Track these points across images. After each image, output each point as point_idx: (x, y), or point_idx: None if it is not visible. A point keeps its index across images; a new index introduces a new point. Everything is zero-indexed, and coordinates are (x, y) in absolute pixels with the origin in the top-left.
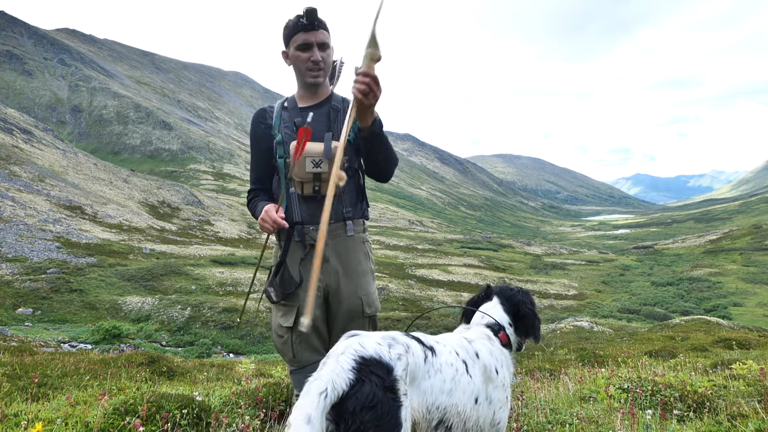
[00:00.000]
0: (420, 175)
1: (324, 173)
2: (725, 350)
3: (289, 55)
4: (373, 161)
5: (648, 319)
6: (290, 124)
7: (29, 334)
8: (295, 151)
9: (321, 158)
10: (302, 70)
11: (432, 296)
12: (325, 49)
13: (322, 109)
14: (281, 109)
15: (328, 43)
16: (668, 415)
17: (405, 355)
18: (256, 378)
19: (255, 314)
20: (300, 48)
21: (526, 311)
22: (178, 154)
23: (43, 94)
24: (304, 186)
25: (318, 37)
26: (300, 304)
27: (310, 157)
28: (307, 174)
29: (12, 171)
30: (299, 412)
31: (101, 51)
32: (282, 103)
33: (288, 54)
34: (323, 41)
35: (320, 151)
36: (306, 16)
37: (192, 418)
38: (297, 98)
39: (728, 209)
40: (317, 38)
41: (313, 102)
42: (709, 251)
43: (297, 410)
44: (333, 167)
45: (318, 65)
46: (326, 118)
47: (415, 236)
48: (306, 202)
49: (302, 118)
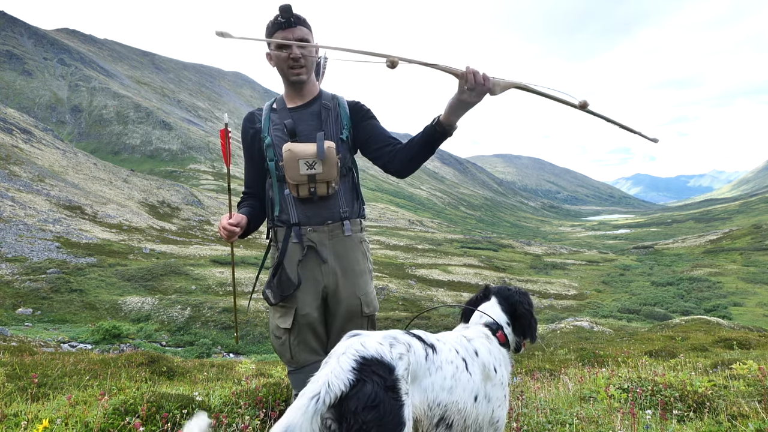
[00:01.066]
0: (420, 175)
1: (319, 174)
2: (725, 350)
3: (271, 56)
4: (415, 158)
5: (648, 319)
6: (280, 125)
7: (29, 334)
8: (224, 155)
9: (314, 159)
10: (284, 69)
11: (432, 296)
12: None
13: (312, 107)
14: (270, 111)
15: (307, 39)
16: (668, 415)
17: (406, 355)
18: (256, 378)
19: (255, 314)
20: (279, 47)
21: (523, 311)
22: (178, 154)
23: (43, 94)
24: (300, 188)
25: (296, 33)
26: (298, 306)
27: (303, 159)
28: (302, 176)
29: (12, 171)
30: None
31: (101, 51)
32: (270, 104)
33: (270, 55)
34: (302, 37)
35: (313, 152)
36: (281, 14)
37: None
38: (285, 98)
39: (728, 209)
40: (295, 35)
41: (302, 101)
42: (709, 251)
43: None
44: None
45: (298, 62)
46: (316, 118)
47: (415, 236)
48: (302, 203)
49: (292, 120)
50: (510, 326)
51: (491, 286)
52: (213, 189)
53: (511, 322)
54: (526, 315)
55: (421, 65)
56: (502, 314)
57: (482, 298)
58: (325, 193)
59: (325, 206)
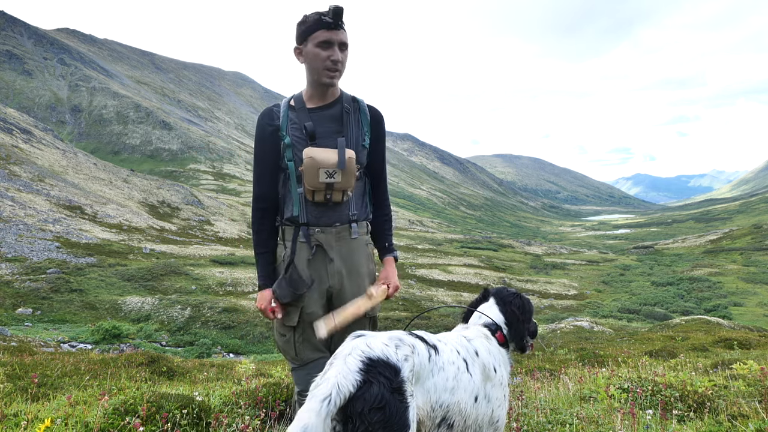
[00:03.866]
0: (420, 175)
1: (337, 183)
2: (726, 350)
3: (303, 52)
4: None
5: (648, 319)
6: (299, 126)
7: (29, 334)
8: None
9: (335, 169)
10: (318, 69)
11: (432, 296)
12: (344, 50)
13: (333, 110)
14: (287, 109)
15: (347, 43)
16: (668, 415)
17: (411, 356)
18: (256, 378)
19: (255, 314)
20: (320, 45)
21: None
22: (178, 154)
23: (43, 94)
24: (316, 194)
25: (340, 36)
26: (304, 304)
27: (323, 168)
28: (320, 184)
29: (12, 171)
30: (298, 422)
31: (101, 51)
32: (288, 101)
33: (302, 51)
34: (344, 41)
35: (334, 162)
36: (332, 14)
37: (192, 418)
38: (305, 97)
39: (728, 209)
40: (339, 38)
41: (323, 102)
42: (710, 251)
43: (296, 419)
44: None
45: (336, 65)
46: (337, 121)
47: (415, 236)
48: (315, 205)
49: (312, 122)
50: (508, 327)
51: (490, 288)
52: (213, 189)
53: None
54: (512, 315)
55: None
56: (500, 315)
57: (481, 299)
58: (340, 200)
59: (336, 209)
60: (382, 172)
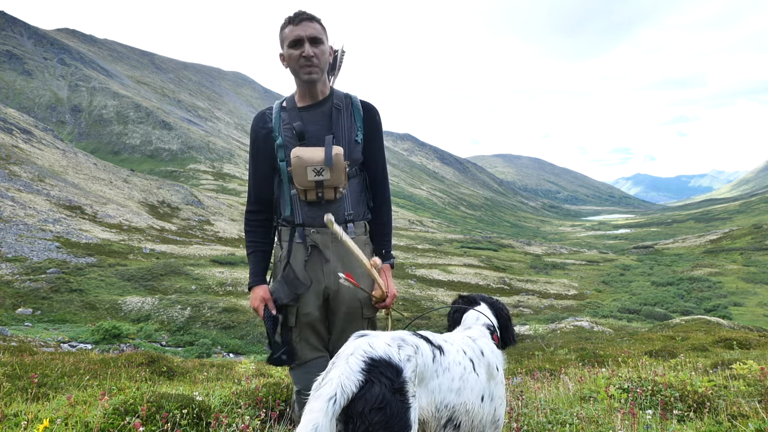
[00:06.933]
0: (420, 175)
1: (326, 180)
2: (725, 350)
3: (284, 56)
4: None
5: (648, 319)
6: (290, 126)
7: (29, 334)
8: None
9: (322, 166)
10: (296, 69)
11: (432, 296)
12: (317, 44)
13: (323, 107)
14: (280, 110)
15: (320, 37)
16: (668, 415)
17: (414, 356)
18: (256, 378)
19: (254, 314)
20: (291, 45)
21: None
22: (178, 154)
23: (43, 94)
24: (308, 193)
25: (308, 30)
26: (300, 305)
27: (310, 167)
28: (309, 182)
29: (12, 171)
30: (307, 422)
31: (101, 51)
32: (281, 103)
33: (283, 56)
34: (314, 35)
35: (320, 159)
36: (294, 13)
37: (192, 418)
38: (296, 97)
39: (728, 209)
40: (307, 32)
41: (313, 101)
42: (710, 251)
43: (305, 419)
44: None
45: (310, 60)
46: (327, 118)
47: (415, 236)
48: (309, 205)
49: (301, 122)
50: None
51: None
52: (213, 189)
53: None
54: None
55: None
56: (494, 318)
57: (472, 303)
58: (332, 197)
59: (331, 208)
60: (381, 169)
